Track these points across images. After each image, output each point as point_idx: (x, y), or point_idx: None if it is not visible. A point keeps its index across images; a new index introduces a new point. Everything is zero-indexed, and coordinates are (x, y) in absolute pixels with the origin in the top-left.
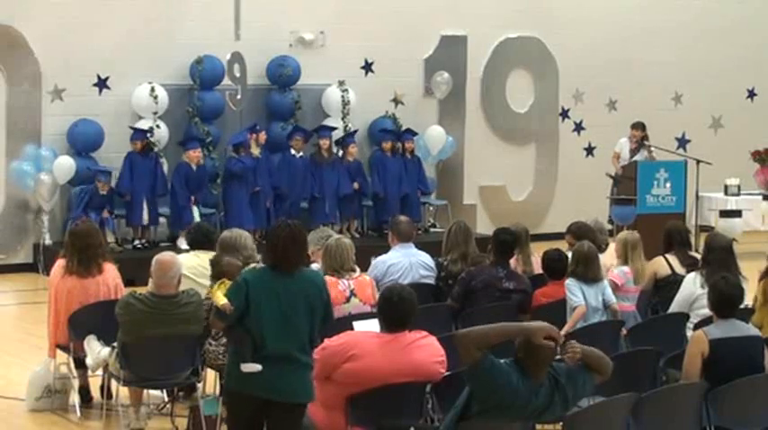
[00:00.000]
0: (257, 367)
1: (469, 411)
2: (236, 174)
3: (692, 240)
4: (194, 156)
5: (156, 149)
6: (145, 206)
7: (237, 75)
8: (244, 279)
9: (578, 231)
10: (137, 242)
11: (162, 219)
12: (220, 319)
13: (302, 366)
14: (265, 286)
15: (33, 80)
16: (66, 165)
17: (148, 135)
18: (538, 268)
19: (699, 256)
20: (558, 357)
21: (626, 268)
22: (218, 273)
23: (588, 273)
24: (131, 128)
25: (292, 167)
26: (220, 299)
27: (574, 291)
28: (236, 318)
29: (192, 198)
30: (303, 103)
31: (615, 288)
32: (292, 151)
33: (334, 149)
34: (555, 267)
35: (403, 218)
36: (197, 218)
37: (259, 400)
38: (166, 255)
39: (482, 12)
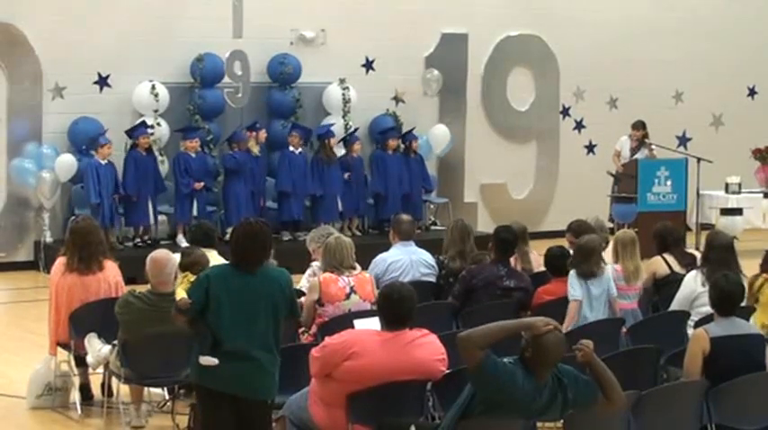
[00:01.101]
0: (214, 361)
1: (472, 411)
2: (231, 170)
3: (693, 238)
4: (192, 145)
5: (155, 147)
6: (150, 206)
7: (239, 73)
8: (206, 275)
9: (578, 229)
10: (138, 240)
11: (161, 217)
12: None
13: (262, 364)
14: (226, 283)
15: (34, 78)
16: (67, 162)
17: (150, 131)
18: (537, 266)
19: (696, 254)
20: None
21: (617, 266)
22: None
23: (588, 267)
24: (129, 131)
25: (292, 164)
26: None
27: (573, 283)
28: (196, 312)
29: (197, 184)
30: (304, 101)
31: None
32: (291, 148)
33: (338, 147)
34: (557, 264)
35: (405, 217)
36: (195, 212)
37: (224, 394)
38: (161, 253)
39: (483, 10)
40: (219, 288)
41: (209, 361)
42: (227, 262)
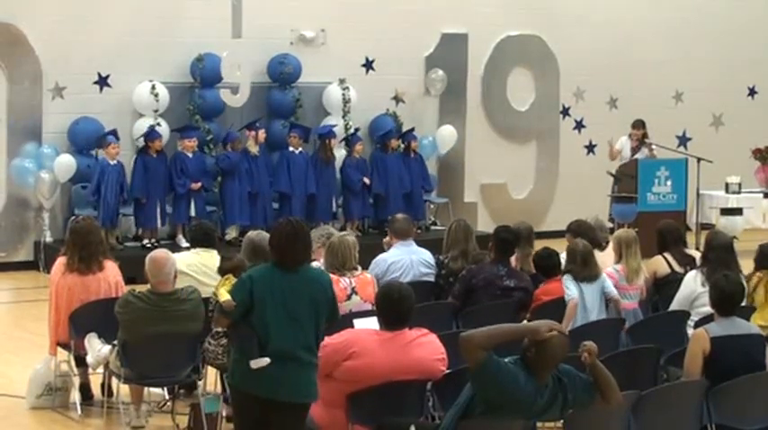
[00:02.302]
0: (266, 360)
1: (472, 411)
2: (226, 170)
3: (693, 238)
4: (189, 145)
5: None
6: (159, 208)
7: (237, 72)
8: (249, 276)
9: (578, 229)
10: (146, 241)
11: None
12: (223, 316)
13: (306, 365)
14: (270, 284)
15: (34, 78)
16: (66, 163)
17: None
18: None
19: (696, 254)
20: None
21: (618, 266)
22: (225, 268)
23: (583, 271)
24: (144, 135)
25: (292, 165)
26: (224, 295)
27: (568, 284)
28: (239, 314)
29: (193, 185)
30: (304, 101)
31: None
32: (291, 148)
33: (339, 148)
34: (545, 265)
35: (399, 216)
36: (193, 212)
37: (262, 398)
38: (159, 253)
39: (483, 10)
40: (263, 288)
41: (261, 362)
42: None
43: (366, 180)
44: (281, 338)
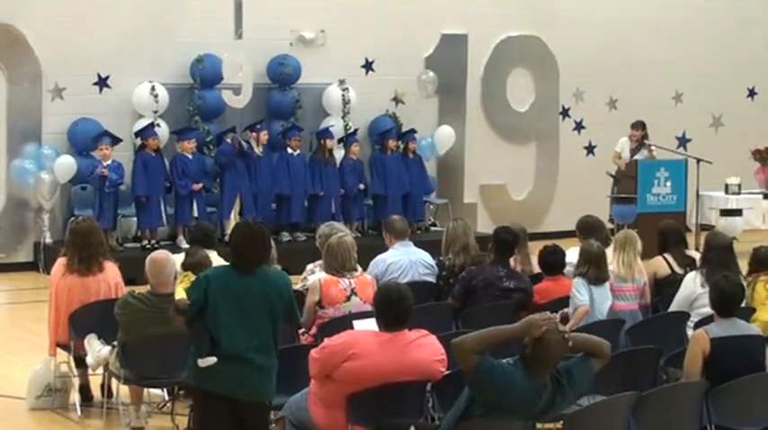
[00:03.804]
0: (212, 360)
1: (471, 412)
2: (222, 165)
3: (692, 239)
4: (188, 146)
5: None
6: (161, 207)
7: (240, 73)
8: (205, 275)
9: (584, 227)
10: (145, 242)
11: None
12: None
13: (258, 366)
14: (225, 284)
15: (34, 79)
16: (66, 164)
17: (156, 130)
18: (537, 267)
19: (696, 255)
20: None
21: (611, 266)
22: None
23: (598, 273)
24: (138, 133)
25: (291, 166)
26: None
27: (580, 289)
28: (194, 313)
29: (195, 186)
30: (304, 102)
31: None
32: (289, 150)
33: (337, 148)
34: (551, 261)
35: (395, 217)
36: (195, 213)
37: (220, 396)
38: (160, 254)
39: (483, 10)
40: (218, 289)
41: (207, 361)
42: (227, 263)
43: (361, 186)
44: (232, 339)
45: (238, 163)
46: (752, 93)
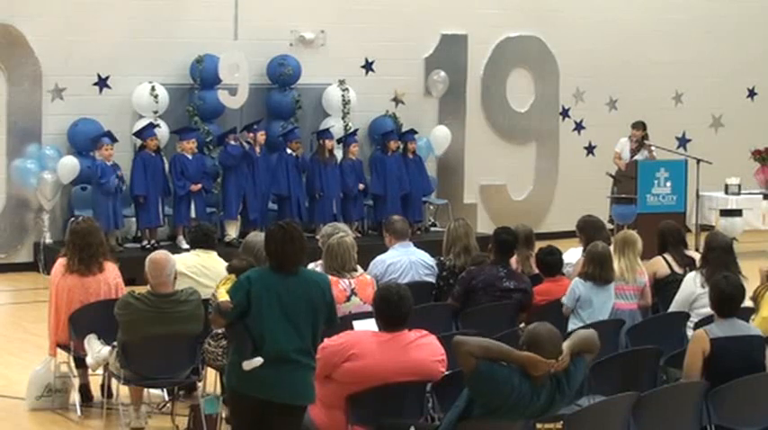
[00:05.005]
0: (259, 360)
1: (471, 412)
2: (226, 166)
3: (692, 239)
4: (188, 146)
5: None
6: (160, 207)
7: (236, 74)
8: (247, 277)
9: (585, 227)
10: (145, 242)
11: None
12: (220, 316)
13: (301, 368)
14: (267, 286)
15: (34, 79)
16: (69, 164)
17: (156, 131)
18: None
19: (695, 255)
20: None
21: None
22: (234, 268)
23: (602, 274)
24: (137, 132)
25: (290, 167)
26: (222, 295)
27: (572, 291)
28: (236, 315)
29: (193, 187)
30: (303, 103)
31: None
32: (288, 150)
33: (336, 149)
34: (550, 261)
35: (396, 217)
36: (193, 213)
37: (259, 400)
38: (159, 254)
39: (482, 11)
40: (261, 290)
41: (253, 363)
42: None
43: (361, 186)
44: (275, 340)
45: (241, 164)
46: (752, 93)
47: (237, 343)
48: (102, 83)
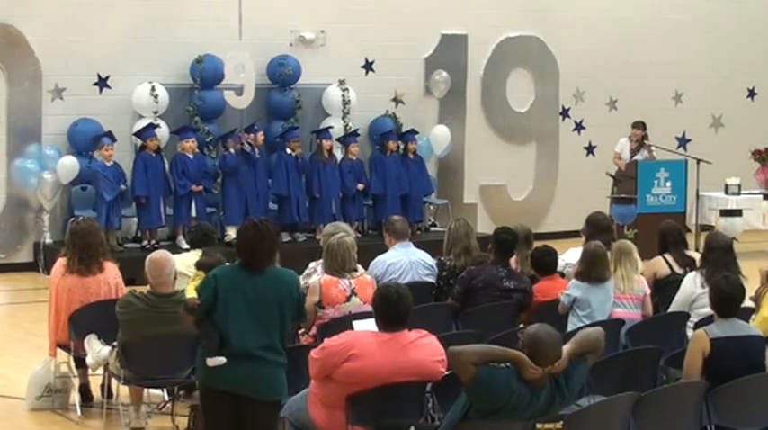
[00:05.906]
0: (221, 360)
1: (471, 414)
2: (226, 171)
3: (692, 239)
4: (188, 146)
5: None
6: (161, 207)
7: (242, 74)
8: (213, 274)
9: (587, 224)
10: (145, 242)
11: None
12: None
13: (268, 364)
14: (234, 283)
15: (34, 79)
16: (69, 164)
17: (156, 131)
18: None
19: (696, 255)
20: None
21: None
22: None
23: (597, 273)
24: (137, 133)
25: (289, 167)
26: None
27: (567, 292)
28: (203, 312)
29: (194, 187)
30: (303, 103)
31: None
32: (288, 150)
33: (336, 149)
34: (546, 262)
35: (396, 217)
36: (194, 213)
37: (229, 395)
38: (159, 254)
39: (482, 11)
40: (227, 287)
41: (216, 361)
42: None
43: (360, 186)
44: (240, 338)
45: (242, 165)
46: (752, 93)
47: (204, 339)
48: (102, 83)
